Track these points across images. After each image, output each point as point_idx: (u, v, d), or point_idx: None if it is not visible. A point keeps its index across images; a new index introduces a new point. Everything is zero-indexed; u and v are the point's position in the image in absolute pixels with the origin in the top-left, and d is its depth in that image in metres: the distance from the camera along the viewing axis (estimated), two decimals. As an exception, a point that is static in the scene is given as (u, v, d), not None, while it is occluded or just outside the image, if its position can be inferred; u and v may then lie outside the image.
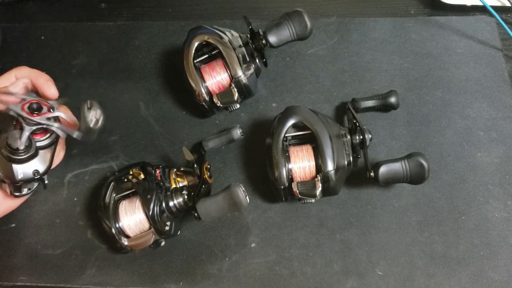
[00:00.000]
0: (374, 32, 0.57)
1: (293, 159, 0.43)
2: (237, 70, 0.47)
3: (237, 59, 0.47)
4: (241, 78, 0.47)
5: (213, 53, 0.49)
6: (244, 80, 0.47)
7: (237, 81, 0.47)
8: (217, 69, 0.48)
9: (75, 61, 0.58)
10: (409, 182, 0.43)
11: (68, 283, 0.46)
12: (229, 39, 0.48)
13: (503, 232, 0.46)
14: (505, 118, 0.51)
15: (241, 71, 0.47)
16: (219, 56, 0.49)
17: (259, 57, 0.50)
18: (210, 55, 0.50)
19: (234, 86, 0.47)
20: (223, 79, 0.48)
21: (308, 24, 0.48)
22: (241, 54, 0.48)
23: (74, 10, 0.63)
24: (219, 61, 0.49)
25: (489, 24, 0.57)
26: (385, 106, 0.50)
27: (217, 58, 0.49)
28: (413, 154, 0.43)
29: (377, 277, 0.45)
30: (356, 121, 0.46)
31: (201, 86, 0.47)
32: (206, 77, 0.48)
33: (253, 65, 0.48)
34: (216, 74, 0.48)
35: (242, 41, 0.49)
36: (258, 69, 0.49)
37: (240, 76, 0.47)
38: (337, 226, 0.47)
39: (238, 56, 0.47)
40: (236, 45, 0.48)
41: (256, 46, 0.49)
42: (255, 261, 0.46)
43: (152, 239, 0.43)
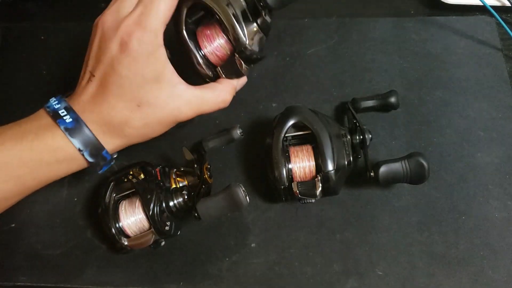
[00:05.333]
0: (374, 32, 0.58)
1: (293, 159, 0.43)
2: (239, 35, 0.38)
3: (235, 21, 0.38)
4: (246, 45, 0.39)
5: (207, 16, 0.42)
6: (249, 46, 0.39)
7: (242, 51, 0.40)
8: (213, 35, 0.41)
9: (75, 61, 0.58)
10: (409, 182, 0.43)
11: (68, 283, 0.46)
12: None
13: (503, 232, 0.46)
14: (505, 118, 0.51)
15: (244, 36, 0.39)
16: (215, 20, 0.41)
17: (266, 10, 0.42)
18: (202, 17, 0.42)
19: (238, 57, 0.40)
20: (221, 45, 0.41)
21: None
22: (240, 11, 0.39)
23: (74, 10, 0.63)
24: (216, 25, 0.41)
25: (489, 24, 0.57)
26: (385, 106, 0.50)
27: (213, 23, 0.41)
28: (413, 154, 0.43)
29: (377, 277, 0.45)
30: (356, 121, 0.46)
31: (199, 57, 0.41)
32: (203, 46, 0.41)
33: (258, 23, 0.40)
34: (213, 41, 0.41)
35: None
36: (266, 27, 0.41)
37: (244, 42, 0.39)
38: (337, 226, 0.47)
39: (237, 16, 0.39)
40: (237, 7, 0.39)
41: None
42: (255, 261, 0.46)
43: (152, 239, 0.43)
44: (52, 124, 0.37)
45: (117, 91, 0.36)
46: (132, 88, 0.36)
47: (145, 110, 0.37)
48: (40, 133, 0.36)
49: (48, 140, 0.36)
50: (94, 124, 0.37)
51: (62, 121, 0.36)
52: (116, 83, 0.36)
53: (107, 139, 0.38)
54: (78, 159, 0.37)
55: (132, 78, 0.36)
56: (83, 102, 0.38)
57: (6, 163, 0.35)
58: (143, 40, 0.36)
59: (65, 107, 0.37)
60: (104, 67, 0.37)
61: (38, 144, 0.36)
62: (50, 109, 0.37)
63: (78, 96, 0.38)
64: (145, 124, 0.38)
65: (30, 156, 0.36)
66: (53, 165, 0.37)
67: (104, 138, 0.37)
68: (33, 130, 0.37)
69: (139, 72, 0.36)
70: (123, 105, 0.37)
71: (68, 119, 0.36)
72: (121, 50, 0.36)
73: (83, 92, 0.38)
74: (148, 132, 0.39)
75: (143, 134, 0.39)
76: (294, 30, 0.48)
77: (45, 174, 0.37)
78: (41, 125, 0.37)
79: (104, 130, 0.37)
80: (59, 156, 0.36)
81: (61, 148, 0.36)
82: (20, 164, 0.36)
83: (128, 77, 0.36)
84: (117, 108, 0.37)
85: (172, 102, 0.38)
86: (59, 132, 0.36)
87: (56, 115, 0.37)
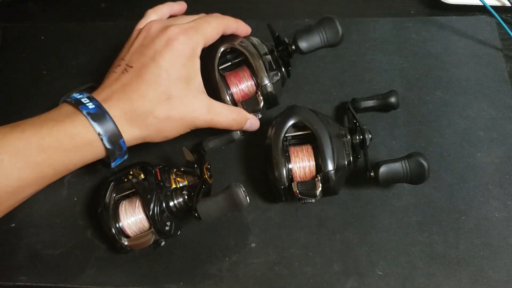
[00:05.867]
0: (374, 32, 0.58)
1: (293, 159, 0.43)
2: (263, 77, 0.46)
3: (263, 66, 0.46)
4: (267, 86, 0.46)
5: (238, 60, 0.48)
6: (270, 88, 0.46)
7: (263, 88, 0.46)
8: (242, 77, 0.47)
9: (75, 61, 0.58)
10: (409, 182, 0.43)
11: (68, 283, 0.46)
12: (253, 44, 0.47)
13: (503, 232, 0.46)
14: (505, 118, 0.51)
15: (268, 79, 0.46)
16: (244, 63, 0.48)
17: (284, 66, 0.49)
18: (235, 63, 0.49)
19: (260, 94, 0.46)
20: (248, 87, 0.48)
21: (340, 29, 0.47)
22: (267, 62, 0.47)
23: (74, 10, 0.63)
24: (245, 68, 0.48)
25: (489, 24, 0.57)
26: (385, 106, 0.50)
27: (243, 66, 0.48)
28: (413, 154, 0.43)
29: (377, 277, 0.45)
30: (356, 121, 0.46)
31: (226, 94, 0.46)
32: (231, 85, 0.47)
33: (279, 73, 0.47)
34: (241, 82, 0.47)
35: (268, 48, 0.48)
36: (283, 77, 0.49)
37: (267, 83, 0.46)
38: (337, 226, 0.47)
39: (265, 63, 0.46)
40: (261, 52, 0.47)
41: (281, 54, 0.48)
42: (255, 261, 0.46)
43: (152, 239, 0.43)
44: (73, 112, 0.38)
45: (152, 81, 0.39)
46: (166, 80, 0.40)
47: (172, 103, 0.40)
48: (61, 119, 0.38)
49: (68, 126, 0.37)
50: (118, 111, 0.39)
51: (85, 107, 0.38)
52: (154, 72, 0.39)
53: (127, 128, 0.39)
54: (96, 145, 0.38)
55: (169, 71, 0.40)
56: (111, 91, 0.40)
57: (25, 149, 0.36)
58: (186, 44, 0.41)
59: (88, 97, 0.39)
60: (145, 59, 0.40)
61: (58, 130, 0.37)
62: (72, 99, 0.39)
63: (105, 87, 0.40)
64: (167, 117, 0.40)
65: (49, 142, 0.37)
66: (71, 152, 0.38)
67: (125, 127, 0.39)
68: (54, 118, 0.38)
69: (176, 69, 0.40)
70: (153, 94, 0.39)
71: (91, 105, 0.38)
72: (165, 45, 0.40)
73: (114, 83, 0.40)
74: (167, 127, 0.41)
75: (162, 128, 0.41)
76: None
77: (63, 162, 0.38)
78: (62, 113, 0.39)
79: (126, 118, 0.39)
80: (78, 141, 0.37)
81: (81, 133, 0.37)
82: (38, 150, 0.36)
83: (167, 69, 0.40)
84: (147, 97, 0.39)
85: (195, 104, 0.41)
86: (80, 117, 0.38)
87: (78, 102, 0.38)
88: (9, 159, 0.35)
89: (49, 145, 0.37)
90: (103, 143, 0.38)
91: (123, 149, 0.40)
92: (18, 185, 0.36)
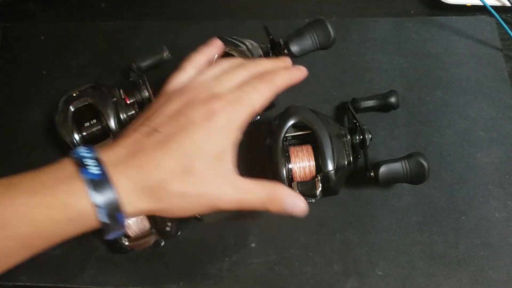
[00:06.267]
0: (374, 32, 0.58)
1: (293, 159, 0.43)
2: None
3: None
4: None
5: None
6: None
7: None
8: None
9: (75, 61, 0.58)
10: (409, 182, 0.43)
11: (68, 283, 0.46)
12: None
13: (503, 232, 0.46)
14: (505, 118, 0.51)
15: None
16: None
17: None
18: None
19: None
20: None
21: (332, 33, 0.47)
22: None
23: (74, 10, 0.63)
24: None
25: (489, 24, 0.57)
26: (385, 106, 0.50)
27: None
28: (413, 154, 0.43)
29: (377, 277, 0.45)
30: (356, 121, 0.46)
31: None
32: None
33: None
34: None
35: (263, 50, 0.48)
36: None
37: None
38: (337, 226, 0.47)
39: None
40: (256, 55, 0.47)
41: (277, 56, 0.48)
42: (255, 261, 0.46)
43: (152, 240, 0.43)
44: (72, 175, 0.33)
45: (175, 152, 0.34)
46: (192, 154, 0.35)
47: (188, 179, 0.35)
48: (56, 186, 0.33)
49: (63, 195, 0.32)
50: (127, 179, 0.33)
51: (87, 172, 0.33)
52: (182, 143, 0.35)
53: (132, 200, 0.34)
54: (91, 218, 0.33)
55: (200, 146, 0.35)
56: (125, 153, 0.34)
57: (12, 220, 0.32)
58: (229, 120, 0.36)
59: (94, 158, 0.34)
60: (176, 127, 0.35)
61: (50, 200, 0.32)
62: (76, 155, 0.34)
63: (120, 145, 0.35)
64: (181, 194, 0.35)
65: (39, 215, 0.32)
66: (62, 223, 0.33)
67: (131, 198, 0.34)
68: (49, 184, 0.33)
69: (209, 144, 0.35)
70: (171, 165, 0.34)
71: (95, 170, 0.33)
72: (205, 117, 0.35)
73: (132, 144, 0.35)
74: (182, 203, 0.35)
75: (176, 204, 0.35)
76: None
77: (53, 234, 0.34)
78: (60, 176, 0.33)
79: (135, 189, 0.34)
80: (72, 213, 0.33)
81: (76, 204, 0.32)
82: (27, 223, 0.32)
83: (198, 143, 0.35)
84: (163, 167, 0.34)
85: (219, 181, 0.36)
86: (77, 184, 0.32)
87: (81, 164, 0.33)
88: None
89: (39, 217, 0.32)
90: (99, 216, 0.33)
91: (122, 224, 0.34)
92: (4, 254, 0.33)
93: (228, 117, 0.36)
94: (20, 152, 0.53)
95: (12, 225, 0.32)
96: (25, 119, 0.55)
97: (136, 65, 0.53)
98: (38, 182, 0.33)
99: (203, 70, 0.40)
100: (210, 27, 0.60)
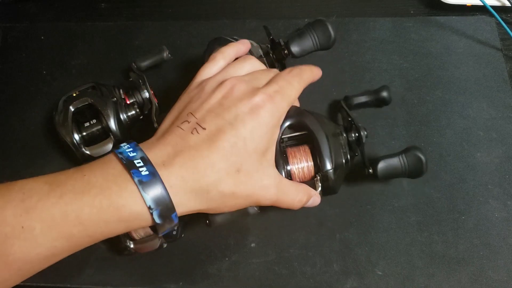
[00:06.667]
0: (374, 32, 0.58)
1: (291, 160, 0.43)
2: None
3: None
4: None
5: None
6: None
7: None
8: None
9: (75, 61, 0.58)
10: (408, 176, 0.43)
11: (68, 283, 0.46)
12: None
13: (503, 232, 0.46)
14: (505, 118, 0.51)
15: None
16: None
17: (280, 68, 0.49)
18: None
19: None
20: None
21: (332, 33, 0.47)
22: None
23: (74, 10, 0.63)
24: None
25: (489, 24, 0.57)
26: (378, 101, 0.50)
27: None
28: (410, 148, 0.43)
29: (377, 277, 0.45)
30: (351, 118, 0.45)
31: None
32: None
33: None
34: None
35: (263, 51, 0.48)
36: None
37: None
38: (336, 226, 0.47)
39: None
40: (256, 56, 0.46)
41: (277, 56, 0.48)
42: (255, 261, 0.46)
43: (158, 244, 0.43)
44: (122, 176, 0.32)
45: (225, 150, 0.33)
46: (242, 151, 0.34)
47: (240, 178, 0.34)
48: (106, 186, 0.32)
49: (114, 196, 0.31)
50: (179, 180, 0.32)
51: (137, 173, 0.31)
52: (230, 141, 0.34)
53: (184, 200, 0.33)
54: (143, 218, 0.32)
55: (248, 142, 0.34)
56: (174, 152, 0.33)
57: (61, 219, 0.31)
58: (273, 113, 0.36)
59: (141, 157, 0.32)
60: (222, 123, 0.34)
61: (101, 200, 0.31)
62: (123, 156, 0.33)
63: (165, 143, 0.34)
64: (232, 193, 0.34)
65: (89, 215, 0.31)
66: (113, 223, 0.32)
67: (182, 199, 0.33)
68: (98, 183, 0.32)
69: (256, 140, 0.35)
70: (224, 166, 0.33)
71: (145, 171, 0.31)
72: (250, 113, 0.35)
73: (179, 142, 0.34)
74: (230, 202, 0.35)
75: (224, 203, 0.35)
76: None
77: (102, 233, 0.33)
78: (109, 176, 0.32)
79: (186, 189, 0.33)
80: (123, 214, 0.32)
81: (128, 205, 0.32)
82: (76, 222, 0.31)
83: (245, 139, 0.34)
84: (216, 168, 0.33)
85: (265, 181, 0.36)
86: (130, 186, 0.31)
87: (130, 164, 0.32)
88: (41, 227, 0.31)
89: (89, 217, 0.31)
90: (152, 217, 0.32)
91: (174, 222, 0.34)
92: (51, 253, 0.32)
93: (272, 112, 0.36)
94: (20, 152, 0.53)
95: (60, 224, 0.31)
96: (25, 119, 0.55)
97: (136, 65, 0.53)
98: (86, 181, 0.32)
99: (233, 63, 0.40)
100: (210, 27, 0.59)
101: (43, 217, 0.31)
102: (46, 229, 0.31)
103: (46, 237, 0.31)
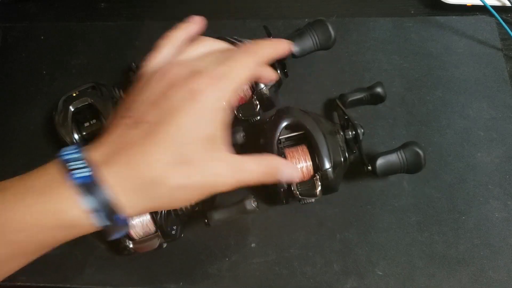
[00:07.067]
0: (374, 32, 0.58)
1: (290, 161, 0.43)
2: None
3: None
4: (263, 91, 0.47)
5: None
6: (266, 92, 0.47)
7: (259, 94, 0.47)
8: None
9: (75, 61, 0.58)
10: (407, 171, 0.43)
11: (68, 283, 0.46)
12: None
13: (503, 232, 0.46)
14: (505, 118, 0.51)
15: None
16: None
17: (280, 67, 0.49)
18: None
19: (256, 99, 0.46)
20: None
21: (332, 33, 0.47)
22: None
23: (74, 10, 0.63)
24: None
25: (489, 24, 0.57)
26: (373, 98, 0.50)
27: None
28: (408, 143, 0.43)
29: (377, 277, 0.45)
30: (348, 117, 0.45)
31: None
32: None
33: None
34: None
35: None
36: (279, 80, 0.49)
37: (262, 88, 0.47)
38: (337, 226, 0.47)
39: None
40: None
41: None
42: (255, 261, 0.46)
43: (157, 243, 0.43)
44: (60, 179, 0.31)
45: (166, 141, 0.31)
46: (184, 141, 0.32)
47: (187, 170, 0.32)
48: (46, 191, 0.31)
49: (52, 201, 0.30)
50: (119, 178, 0.31)
51: (75, 175, 0.30)
52: (170, 131, 0.32)
53: (129, 200, 0.31)
54: (86, 223, 0.31)
55: (190, 131, 0.32)
56: (111, 150, 0.32)
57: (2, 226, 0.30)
58: (216, 97, 0.33)
59: (81, 159, 0.31)
60: (161, 113, 0.32)
61: (41, 205, 0.30)
62: (63, 159, 0.31)
63: (105, 141, 0.32)
64: (180, 187, 0.32)
65: (29, 220, 0.30)
66: (55, 230, 0.31)
67: (126, 198, 0.31)
68: (37, 188, 0.31)
69: (199, 128, 0.33)
70: (166, 158, 0.31)
71: (84, 172, 0.30)
72: (189, 99, 0.32)
73: (117, 139, 0.32)
74: (182, 195, 0.33)
75: (176, 197, 0.33)
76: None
77: (45, 240, 0.32)
78: (48, 180, 0.31)
79: (130, 188, 0.31)
80: (64, 219, 0.30)
81: (67, 210, 0.30)
82: (18, 228, 0.30)
83: (187, 128, 0.32)
84: (160, 162, 0.31)
85: (218, 168, 0.33)
86: (65, 189, 0.30)
87: (68, 166, 0.31)
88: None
89: (30, 222, 0.30)
90: (95, 221, 0.30)
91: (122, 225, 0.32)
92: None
93: (214, 95, 0.33)
94: (20, 152, 0.53)
95: (3, 230, 0.30)
96: (25, 119, 0.55)
97: (136, 65, 0.53)
98: (28, 186, 0.31)
99: (183, 49, 0.37)
100: (210, 27, 0.59)
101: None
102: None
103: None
